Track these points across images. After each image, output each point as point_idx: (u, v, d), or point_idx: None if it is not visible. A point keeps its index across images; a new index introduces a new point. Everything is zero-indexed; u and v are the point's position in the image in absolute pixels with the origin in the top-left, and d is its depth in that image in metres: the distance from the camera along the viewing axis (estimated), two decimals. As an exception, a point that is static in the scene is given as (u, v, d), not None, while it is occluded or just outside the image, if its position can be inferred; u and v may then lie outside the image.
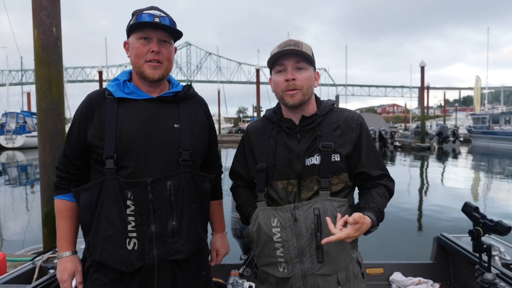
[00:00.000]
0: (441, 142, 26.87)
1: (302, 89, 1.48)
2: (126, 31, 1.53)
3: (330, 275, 1.44)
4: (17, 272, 2.23)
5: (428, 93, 35.48)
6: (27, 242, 6.06)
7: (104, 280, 1.43)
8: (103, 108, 1.46)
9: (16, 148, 27.88)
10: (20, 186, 12.74)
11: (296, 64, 1.48)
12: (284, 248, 1.46)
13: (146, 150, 1.43)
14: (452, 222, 6.89)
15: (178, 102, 1.55)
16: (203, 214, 1.58)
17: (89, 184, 1.44)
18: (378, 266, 2.74)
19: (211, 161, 1.72)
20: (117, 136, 1.42)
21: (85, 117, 1.48)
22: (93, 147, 1.44)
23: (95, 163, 1.47)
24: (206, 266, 1.63)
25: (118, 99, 1.48)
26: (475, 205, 2.00)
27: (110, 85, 1.51)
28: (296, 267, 1.45)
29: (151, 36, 1.46)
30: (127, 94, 1.49)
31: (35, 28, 3.61)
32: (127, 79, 1.55)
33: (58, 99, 3.72)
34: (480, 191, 10.68)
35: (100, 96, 1.50)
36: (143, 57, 1.46)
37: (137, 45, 1.46)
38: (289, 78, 1.47)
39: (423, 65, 25.13)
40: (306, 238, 1.43)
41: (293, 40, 1.50)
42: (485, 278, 1.94)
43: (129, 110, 1.47)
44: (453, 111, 60.99)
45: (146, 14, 1.45)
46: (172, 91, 1.54)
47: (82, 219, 1.46)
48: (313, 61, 1.53)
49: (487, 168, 16.42)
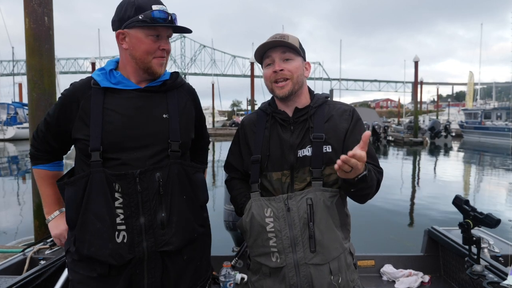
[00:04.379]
0: (433, 137, 27.12)
1: (292, 78, 1.51)
2: (119, 20, 1.43)
3: (322, 264, 1.45)
4: (7, 263, 2.22)
5: (421, 88, 35.66)
6: (18, 233, 6.02)
7: (92, 275, 1.40)
8: (88, 98, 1.42)
9: (7, 139, 27.55)
10: (11, 177, 12.63)
11: (283, 55, 1.51)
12: (277, 238, 1.46)
13: (134, 141, 1.41)
14: (443, 215, 6.97)
15: (166, 92, 1.52)
16: (197, 205, 1.55)
17: (74, 178, 1.41)
18: (369, 258, 2.77)
19: (200, 138, 1.72)
20: (104, 128, 1.39)
21: (68, 108, 1.43)
22: (78, 139, 1.42)
23: (81, 154, 1.44)
24: (202, 257, 1.60)
25: (104, 89, 1.44)
26: (466, 198, 2.03)
27: (96, 74, 1.46)
28: (289, 257, 1.46)
29: (162, 34, 1.44)
30: (114, 84, 1.45)
31: (27, 17, 3.55)
32: (114, 68, 1.50)
33: (50, 89, 3.67)
34: (470, 185, 10.82)
35: (85, 85, 1.46)
36: (153, 54, 1.43)
37: (147, 41, 1.41)
38: (276, 69, 1.51)
39: (417, 60, 25.22)
40: (299, 228, 1.44)
41: (279, 34, 1.53)
42: (474, 270, 1.97)
43: (115, 100, 1.43)
44: (446, 106, 61.43)
45: (158, 11, 1.39)
46: (160, 80, 1.51)
47: (68, 214, 1.42)
48: (300, 51, 1.54)
49: (478, 162, 16.61)
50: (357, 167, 1.24)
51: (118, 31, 1.44)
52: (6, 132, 27.88)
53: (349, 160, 1.22)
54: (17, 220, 7.26)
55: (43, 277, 2.00)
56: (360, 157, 1.23)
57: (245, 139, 1.64)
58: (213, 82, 46.96)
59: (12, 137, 27.54)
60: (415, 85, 27.38)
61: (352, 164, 1.23)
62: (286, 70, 1.50)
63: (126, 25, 1.41)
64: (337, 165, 1.24)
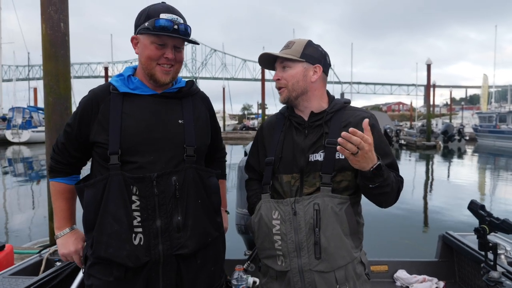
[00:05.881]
0: (447, 141, 26.70)
1: (287, 87, 1.55)
2: (135, 26, 1.49)
3: (327, 272, 1.43)
4: (24, 264, 2.26)
5: (434, 91, 35.22)
6: (33, 235, 6.12)
7: (108, 278, 1.41)
8: (107, 103, 1.46)
9: (22, 143, 28.09)
10: (26, 180, 12.86)
11: (281, 64, 1.57)
12: (282, 241, 1.47)
13: (150, 145, 1.43)
14: (457, 220, 6.87)
15: (181, 98, 1.55)
16: (211, 209, 1.56)
17: (93, 181, 1.43)
18: (382, 264, 2.74)
19: (216, 150, 1.75)
20: (122, 132, 1.42)
21: (88, 113, 1.46)
22: (97, 143, 1.44)
23: (99, 159, 1.46)
24: (216, 262, 1.60)
25: (122, 94, 1.47)
26: (481, 203, 1.99)
27: (114, 80, 1.50)
28: (294, 262, 1.46)
29: (166, 43, 1.44)
30: (132, 89, 1.48)
31: (43, 23, 3.64)
32: (132, 74, 1.53)
33: (65, 94, 3.75)
34: (486, 190, 10.63)
35: (105, 91, 1.49)
36: (155, 60, 1.45)
37: (151, 48, 1.43)
38: (274, 79, 1.60)
39: (430, 63, 24.94)
40: (304, 233, 1.44)
41: (290, 41, 1.60)
42: (491, 277, 1.94)
43: (133, 105, 1.46)
44: (460, 109, 60.54)
45: (164, 20, 1.39)
46: (176, 87, 1.54)
47: (86, 216, 1.44)
48: (299, 57, 1.53)
49: (494, 166, 16.31)
50: (363, 147, 1.24)
51: (132, 36, 1.50)
52: (21, 135, 28.41)
53: (350, 137, 1.22)
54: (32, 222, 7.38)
55: (59, 278, 2.03)
56: (362, 136, 1.24)
57: (262, 141, 1.67)
58: (224, 86, 47.19)
59: (27, 141, 28.04)
60: (427, 88, 27.06)
61: (355, 141, 1.23)
62: (282, 78, 1.56)
63: (138, 31, 1.46)
64: (339, 146, 1.26)
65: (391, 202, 1.48)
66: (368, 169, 1.31)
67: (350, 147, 1.24)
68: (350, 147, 1.24)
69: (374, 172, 1.31)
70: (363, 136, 1.24)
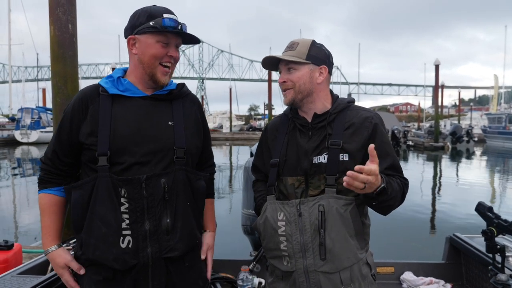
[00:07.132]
0: (455, 142, 26.44)
1: (294, 88, 1.53)
2: (131, 26, 1.48)
3: (332, 273, 1.44)
4: (33, 263, 2.28)
5: (442, 92, 34.93)
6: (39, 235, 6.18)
7: (98, 278, 1.41)
8: (96, 104, 1.44)
9: (30, 143, 28.40)
10: (35, 180, 12.97)
11: (286, 66, 1.55)
12: (287, 242, 1.48)
13: (140, 147, 1.42)
14: (464, 222, 6.80)
15: (172, 100, 1.54)
16: (197, 212, 1.56)
17: (81, 182, 1.42)
18: (389, 265, 2.73)
19: (204, 160, 1.69)
20: (111, 133, 1.40)
21: (78, 113, 1.45)
22: (85, 145, 1.43)
23: (87, 161, 1.44)
24: (202, 264, 1.61)
25: (112, 96, 1.46)
26: (489, 205, 1.98)
27: (103, 81, 1.49)
28: (299, 262, 1.46)
29: (171, 41, 1.47)
30: (121, 91, 1.47)
31: (52, 24, 3.67)
32: (121, 75, 1.53)
33: (73, 94, 3.76)
34: (494, 191, 10.51)
35: (94, 91, 1.48)
36: (159, 59, 1.46)
37: (156, 46, 1.44)
38: (280, 81, 1.58)
39: (438, 63, 24.76)
40: (310, 234, 1.44)
41: (294, 42, 1.56)
42: (499, 279, 1.92)
43: (123, 107, 1.45)
44: (468, 110, 59.91)
45: (169, 19, 1.42)
46: (166, 89, 1.53)
47: (73, 217, 1.43)
48: (305, 59, 1.52)
49: (502, 168, 16.13)
50: (369, 181, 1.23)
51: (129, 37, 1.48)
52: (30, 136, 28.75)
53: (357, 176, 1.21)
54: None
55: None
56: (370, 171, 1.22)
57: (266, 142, 1.68)
58: (231, 87, 47.25)
59: (36, 141, 28.33)
60: (435, 88, 26.86)
61: (362, 180, 1.22)
62: (288, 80, 1.54)
63: (138, 31, 1.45)
64: (345, 182, 1.24)
65: (394, 209, 1.48)
66: (371, 192, 1.31)
67: (357, 185, 1.24)
68: (357, 185, 1.24)
69: (377, 194, 1.32)
70: (370, 171, 1.22)
